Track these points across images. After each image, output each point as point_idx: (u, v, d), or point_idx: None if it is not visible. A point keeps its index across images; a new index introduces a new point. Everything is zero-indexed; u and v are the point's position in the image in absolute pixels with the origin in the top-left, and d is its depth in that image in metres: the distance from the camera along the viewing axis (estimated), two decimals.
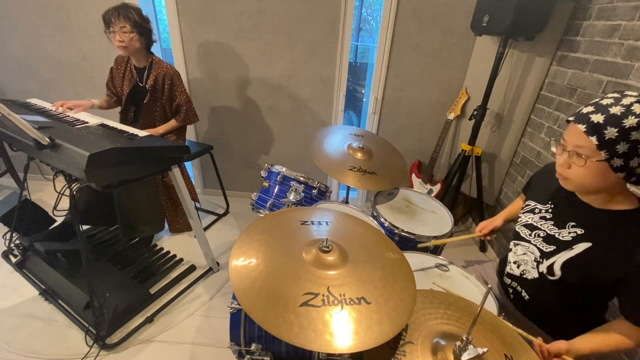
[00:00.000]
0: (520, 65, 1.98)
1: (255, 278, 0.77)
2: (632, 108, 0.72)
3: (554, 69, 1.86)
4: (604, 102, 0.77)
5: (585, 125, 0.77)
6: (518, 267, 1.04)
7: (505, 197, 2.25)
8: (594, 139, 0.75)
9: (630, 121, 0.71)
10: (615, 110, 0.73)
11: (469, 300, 0.88)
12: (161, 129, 1.91)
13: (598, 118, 0.75)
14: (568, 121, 0.83)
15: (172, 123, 1.95)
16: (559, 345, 0.84)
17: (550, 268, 0.92)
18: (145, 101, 1.89)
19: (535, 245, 0.99)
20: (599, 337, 0.85)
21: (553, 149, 0.89)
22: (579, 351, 0.83)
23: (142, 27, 1.72)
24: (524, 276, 1.02)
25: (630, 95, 0.75)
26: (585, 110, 0.79)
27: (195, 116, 2.03)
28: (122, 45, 1.69)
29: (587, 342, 0.84)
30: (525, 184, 1.19)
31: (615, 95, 0.77)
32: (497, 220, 1.25)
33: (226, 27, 2.17)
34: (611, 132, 0.73)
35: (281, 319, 0.68)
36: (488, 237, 1.26)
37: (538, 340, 0.86)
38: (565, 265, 0.89)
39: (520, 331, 0.87)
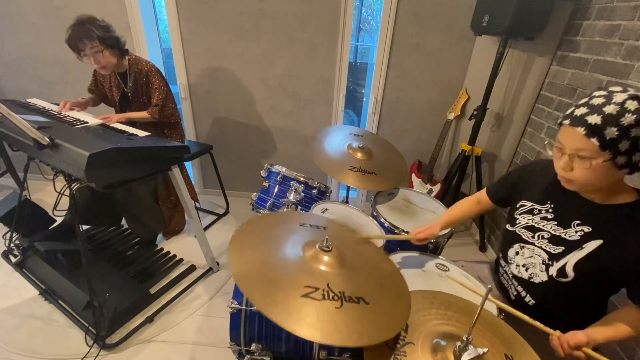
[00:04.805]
0: (520, 65, 1.98)
1: (257, 266, 0.77)
2: (626, 105, 0.72)
3: (554, 69, 1.85)
4: (595, 101, 0.76)
5: (584, 128, 0.75)
6: (526, 270, 1.01)
7: None
8: (595, 141, 0.74)
9: (628, 119, 0.71)
10: (610, 109, 0.73)
11: (468, 300, 0.88)
12: (133, 115, 1.80)
13: (595, 119, 0.74)
14: (560, 124, 0.82)
15: (143, 113, 1.82)
16: (578, 337, 0.82)
17: (561, 270, 0.90)
18: (132, 105, 1.86)
19: (540, 248, 0.96)
20: (611, 326, 0.84)
21: (549, 152, 0.88)
22: (595, 341, 0.82)
23: (109, 39, 1.62)
24: (532, 280, 0.99)
25: (618, 92, 0.75)
26: (578, 112, 0.78)
27: (171, 115, 1.88)
28: (100, 67, 1.63)
29: (601, 331, 0.84)
30: (497, 186, 1.15)
31: (603, 93, 0.77)
32: (434, 228, 1.15)
33: (226, 27, 2.17)
34: (611, 132, 0.72)
35: (281, 306, 0.68)
36: (423, 242, 1.17)
37: (556, 333, 0.85)
38: (577, 266, 0.88)
39: (539, 324, 0.85)
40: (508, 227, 1.07)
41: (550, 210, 0.97)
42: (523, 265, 1.03)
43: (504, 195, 1.14)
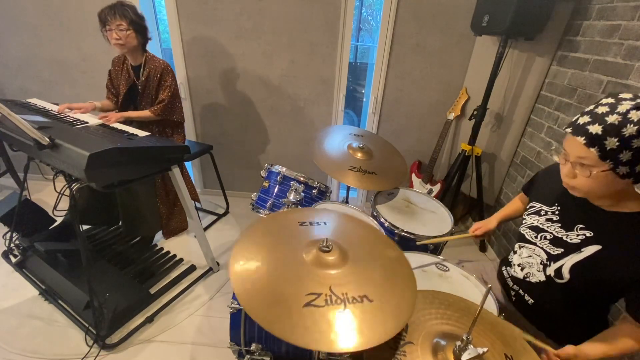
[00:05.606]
0: (520, 65, 1.98)
1: (257, 281, 0.76)
2: (629, 116, 0.71)
3: (554, 69, 1.86)
4: (600, 110, 0.76)
5: (584, 137, 0.76)
6: (522, 269, 1.03)
7: (505, 197, 2.25)
8: (594, 150, 0.74)
9: (630, 130, 0.70)
10: (613, 119, 0.72)
11: (468, 300, 0.88)
12: (133, 114, 1.83)
13: (596, 129, 0.74)
14: (565, 131, 0.82)
15: (145, 112, 1.85)
16: (567, 350, 0.83)
17: (558, 271, 0.91)
18: (139, 98, 1.88)
19: (541, 248, 0.97)
20: (606, 342, 0.84)
21: (555, 158, 0.88)
22: (587, 356, 0.82)
23: (138, 25, 1.71)
24: (528, 279, 1.00)
25: (625, 100, 0.74)
26: (581, 120, 0.78)
27: (175, 114, 1.92)
28: (119, 42, 1.68)
29: (595, 346, 0.83)
30: (527, 184, 1.18)
31: (610, 101, 0.76)
32: (491, 222, 1.25)
33: (226, 27, 2.17)
34: (612, 142, 0.72)
35: (285, 320, 0.68)
36: (482, 237, 1.28)
37: (549, 349, 0.85)
38: (574, 268, 0.88)
39: (534, 339, 0.84)
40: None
41: (557, 212, 0.97)
42: (519, 265, 1.05)
43: (527, 192, 1.18)
